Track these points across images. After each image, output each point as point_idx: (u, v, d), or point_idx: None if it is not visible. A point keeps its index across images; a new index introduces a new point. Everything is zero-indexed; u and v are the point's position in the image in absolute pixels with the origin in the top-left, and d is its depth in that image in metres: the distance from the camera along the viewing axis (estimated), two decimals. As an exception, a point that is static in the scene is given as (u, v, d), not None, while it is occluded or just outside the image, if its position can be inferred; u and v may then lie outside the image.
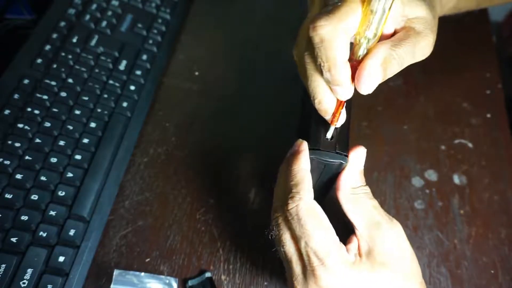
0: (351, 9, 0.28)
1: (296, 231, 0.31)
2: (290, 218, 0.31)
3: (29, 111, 0.44)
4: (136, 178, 0.46)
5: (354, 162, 0.32)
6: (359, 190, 0.32)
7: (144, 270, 0.41)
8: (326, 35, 0.28)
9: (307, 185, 0.31)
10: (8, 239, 0.38)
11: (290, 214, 0.31)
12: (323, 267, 0.30)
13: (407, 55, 0.30)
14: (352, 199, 0.32)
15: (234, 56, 0.56)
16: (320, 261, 0.30)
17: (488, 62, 0.59)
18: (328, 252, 0.30)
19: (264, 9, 0.61)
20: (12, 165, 0.41)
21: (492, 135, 0.53)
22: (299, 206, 0.31)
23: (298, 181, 0.32)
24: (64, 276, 0.38)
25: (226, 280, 0.42)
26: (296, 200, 0.31)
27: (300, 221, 0.30)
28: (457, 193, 0.49)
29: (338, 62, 0.29)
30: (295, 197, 0.31)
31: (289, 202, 0.31)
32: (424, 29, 0.31)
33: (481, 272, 0.44)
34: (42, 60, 0.48)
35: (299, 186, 0.31)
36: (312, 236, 0.30)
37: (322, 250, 0.30)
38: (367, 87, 0.29)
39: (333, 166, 0.32)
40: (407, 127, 0.53)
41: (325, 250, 0.30)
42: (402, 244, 0.32)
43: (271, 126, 0.51)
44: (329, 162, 0.32)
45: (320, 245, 0.30)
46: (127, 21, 0.53)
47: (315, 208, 0.31)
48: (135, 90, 0.49)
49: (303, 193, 0.31)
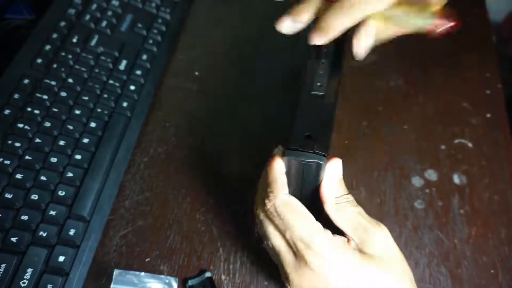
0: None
1: (278, 225, 0.33)
2: (271, 216, 0.33)
3: (29, 111, 0.44)
4: (136, 178, 0.46)
5: (331, 173, 0.33)
6: (341, 199, 0.33)
7: (144, 270, 0.41)
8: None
9: (279, 184, 0.33)
10: (8, 239, 0.38)
11: (270, 212, 0.33)
12: (311, 251, 0.31)
13: None
14: (337, 209, 0.33)
15: (234, 56, 0.57)
16: (307, 246, 0.31)
17: (488, 62, 0.59)
18: (312, 236, 0.31)
19: (264, 9, 0.61)
20: (12, 165, 0.41)
21: (492, 135, 0.53)
22: (276, 204, 0.32)
23: (271, 181, 0.33)
24: (64, 276, 0.38)
25: (226, 280, 0.42)
26: (271, 199, 0.33)
27: (279, 215, 0.32)
28: (457, 193, 0.49)
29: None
30: (270, 196, 0.33)
31: (266, 202, 0.33)
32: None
33: (481, 272, 0.44)
34: (42, 60, 0.48)
35: (272, 185, 0.33)
36: (294, 225, 0.32)
37: (307, 236, 0.31)
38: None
39: (311, 167, 0.32)
40: (407, 127, 0.53)
41: (309, 236, 0.31)
42: (391, 246, 0.33)
43: (270, 126, 0.51)
44: (306, 162, 0.32)
45: (304, 231, 0.32)
46: (127, 21, 0.54)
47: (290, 201, 0.33)
48: (135, 90, 0.49)
49: (276, 191, 0.33)
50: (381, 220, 0.46)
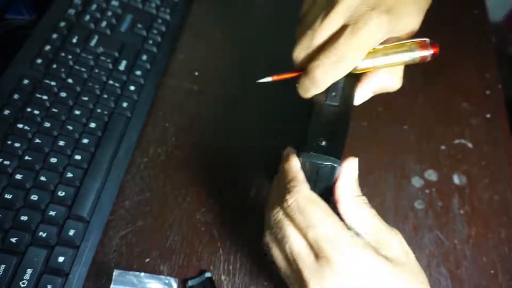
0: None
1: (301, 224, 0.31)
2: (292, 213, 0.31)
3: (29, 111, 0.44)
4: (136, 178, 0.46)
5: (348, 172, 0.32)
6: (358, 200, 0.32)
7: (144, 270, 0.41)
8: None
9: (301, 179, 0.32)
10: (8, 239, 0.38)
11: (291, 209, 0.31)
12: (336, 251, 0.29)
13: None
14: (354, 207, 0.32)
15: (234, 56, 0.56)
16: (332, 244, 0.30)
17: (488, 62, 0.59)
18: (338, 234, 0.30)
19: (264, 9, 0.61)
20: (12, 165, 0.41)
21: (492, 135, 0.53)
22: (299, 198, 0.31)
23: (292, 178, 0.32)
24: (64, 276, 0.38)
25: (226, 280, 0.42)
26: (294, 194, 0.31)
27: (303, 212, 0.30)
28: (457, 193, 0.49)
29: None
30: (292, 191, 0.31)
31: (287, 198, 0.31)
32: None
33: (481, 272, 0.44)
34: (42, 60, 0.48)
35: (294, 181, 0.32)
36: (319, 223, 0.30)
37: (333, 235, 0.30)
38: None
39: (325, 169, 0.32)
40: (407, 127, 0.53)
41: (335, 233, 0.30)
42: (407, 250, 0.32)
43: (271, 126, 0.51)
44: (321, 165, 0.32)
45: (329, 230, 0.30)
46: (127, 21, 0.53)
47: (314, 197, 0.31)
48: (135, 90, 0.49)
49: (299, 185, 0.31)
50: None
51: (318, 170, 0.32)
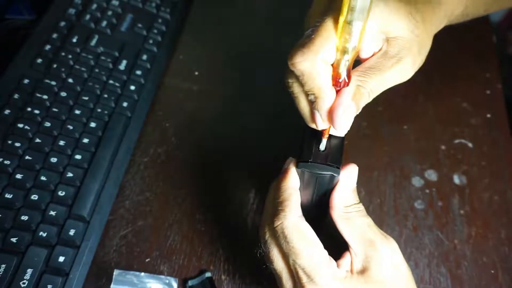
0: (325, 39, 0.28)
1: (283, 248, 0.31)
2: (277, 235, 0.31)
3: (29, 111, 0.44)
4: (136, 178, 0.46)
5: (346, 180, 0.32)
6: (351, 209, 0.32)
7: (144, 270, 0.41)
8: (305, 70, 0.28)
9: (293, 203, 0.31)
10: (8, 239, 0.38)
11: (276, 232, 0.31)
12: (312, 283, 0.30)
13: (378, 83, 0.30)
14: (345, 218, 0.32)
15: (234, 56, 0.56)
16: (309, 277, 0.30)
17: (488, 62, 0.59)
18: (317, 268, 0.30)
19: (264, 9, 0.61)
20: (12, 165, 0.41)
21: (492, 135, 0.53)
22: (284, 224, 0.31)
23: (284, 199, 0.31)
24: (64, 276, 0.38)
25: (226, 280, 0.42)
26: (281, 218, 0.31)
27: (286, 238, 0.30)
28: (457, 193, 0.48)
29: (322, 92, 0.29)
30: (280, 214, 0.31)
31: (275, 220, 0.31)
32: (399, 51, 0.30)
33: (481, 272, 0.44)
34: (42, 60, 0.48)
35: (285, 203, 0.31)
36: (299, 253, 0.30)
37: (311, 267, 0.30)
38: (343, 127, 0.30)
39: (324, 179, 0.32)
40: (407, 127, 0.53)
41: (313, 267, 0.30)
42: (398, 262, 0.31)
43: (271, 126, 0.51)
44: (319, 174, 0.31)
45: (308, 261, 0.30)
46: (127, 21, 0.53)
47: (300, 225, 0.31)
48: (135, 90, 0.49)
49: (288, 210, 0.31)
50: (381, 220, 0.47)
51: (317, 179, 0.32)
